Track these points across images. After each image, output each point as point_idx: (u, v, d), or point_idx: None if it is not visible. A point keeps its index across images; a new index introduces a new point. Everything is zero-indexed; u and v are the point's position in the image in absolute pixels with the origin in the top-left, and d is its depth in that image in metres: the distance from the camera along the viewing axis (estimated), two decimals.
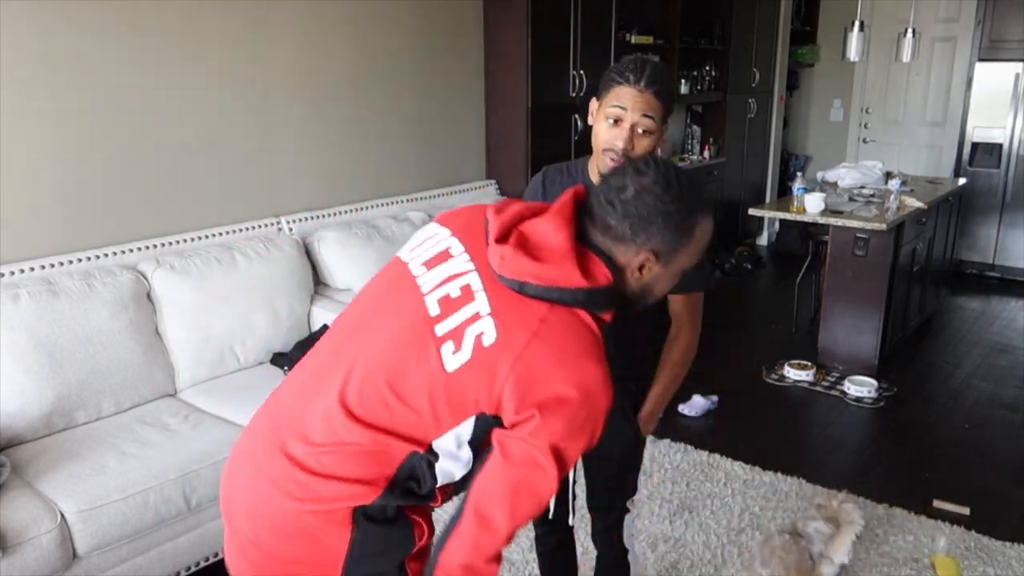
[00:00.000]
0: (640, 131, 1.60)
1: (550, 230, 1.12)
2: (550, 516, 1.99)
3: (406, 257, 1.24)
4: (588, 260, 1.12)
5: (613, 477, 1.89)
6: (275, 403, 1.28)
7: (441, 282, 1.15)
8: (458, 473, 1.18)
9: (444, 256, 1.19)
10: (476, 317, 1.09)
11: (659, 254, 1.14)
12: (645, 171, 1.14)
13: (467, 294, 1.12)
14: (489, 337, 1.07)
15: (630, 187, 1.13)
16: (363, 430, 1.12)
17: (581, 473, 1.96)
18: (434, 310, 1.12)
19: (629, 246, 1.13)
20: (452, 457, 1.16)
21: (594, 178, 1.75)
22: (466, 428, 1.13)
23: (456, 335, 1.09)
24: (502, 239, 1.13)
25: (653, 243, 1.13)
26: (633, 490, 1.92)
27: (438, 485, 1.18)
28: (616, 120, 1.60)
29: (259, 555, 1.23)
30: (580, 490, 1.98)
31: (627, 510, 1.92)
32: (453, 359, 1.08)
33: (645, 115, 1.58)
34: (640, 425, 1.83)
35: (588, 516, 2.00)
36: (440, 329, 1.11)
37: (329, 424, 1.15)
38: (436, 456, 1.15)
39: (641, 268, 1.15)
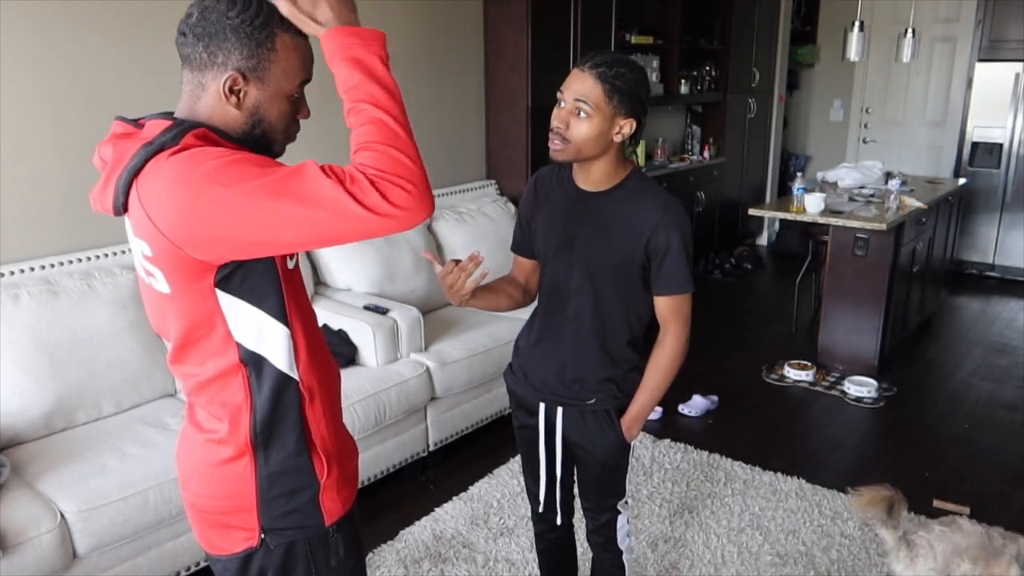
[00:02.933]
0: (577, 113, 1.58)
1: (103, 158, 1.18)
2: (540, 510, 1.99)
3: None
4: (141, 129, 1.15)
5: (597, 480, 1.88)
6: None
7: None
8: (281, 343, 1.21)
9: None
10: (139, 248, 1.17)
11: (245, 72, 1.13)
12: None
13: (134, 240, 1.19)
14: (147, 247, 1.13)
15: (195, 12, 1.13)
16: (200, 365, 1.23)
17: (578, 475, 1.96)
18: (142, 272, 1.22)
19: (215, 71, 1.13)
20: (258, 331, 1.19)
21: (577, 182, 1.74)
22: (227, 302, 1.16)
23: (147, 272, 1.19)
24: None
25: (233, 61, 1.12)
26: (621, 493, 1.90)
27: (283, 366, 1.22)
28: (561, 102, 1.62)
29: (198, 515, 1.31)
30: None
31: (618, 512, 1.91)
32: (160, 284, 1.16)
33: (578, 98, 1.58)
34: (623, 429, 1.81)
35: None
36: (146, 279, 1.21)
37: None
38: (248, 351, 1.20)
39: (236, 92, 1.14)
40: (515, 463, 3.29)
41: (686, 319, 1.75)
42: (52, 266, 2.74)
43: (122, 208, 1.12)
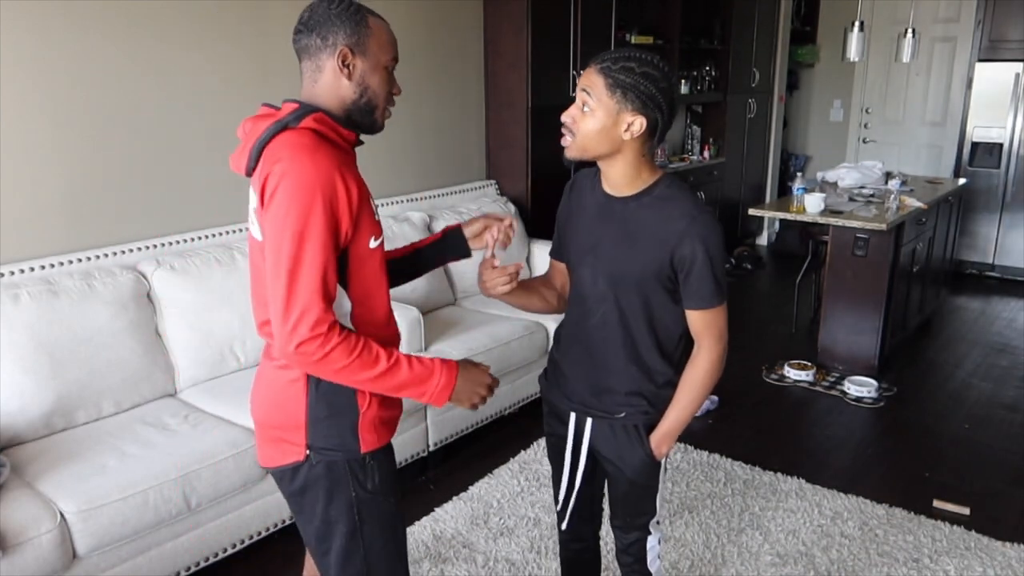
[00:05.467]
0: (582, 108, 1.55)
1: (244, 130, 1.49)
2: (565, 523, 1.95)
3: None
4: (275, 110, 1.47)
5: (625, 496, 1.83)
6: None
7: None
8: (344, 307, 1.49)
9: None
10: (253, 198, 1.46)
11: (351, 47, 1.43)
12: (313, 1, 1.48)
13: (252, 193, 1.48)
14: (255, 200, 1.43)
15: (305, 14, 1.46)
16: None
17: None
18: (252, 218, 1.51)
19: (327, 52, 1.43)
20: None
21: (604, 186, 1.67)
22: None
23: (253, 220, 1.49)
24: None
25: (341, 39, 1.42)
26: (651, 512, 1.84)
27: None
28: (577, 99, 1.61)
29: (260, 430, 1.58)
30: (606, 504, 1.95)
31: (648, 532, 1.86)
32: (256, 231, 1.48)
33: (583, 89, 1.55)
34: (652, 446, 1.73)
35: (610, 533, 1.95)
36: (251, 225, 1.51)
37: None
38: None
39: (347, 65, 1.44)
40: (515, 463, 3.29)
41: (719, 333, 1.65)
42: (52, 266, 2.73)
43: (252, 171, 1.42)
